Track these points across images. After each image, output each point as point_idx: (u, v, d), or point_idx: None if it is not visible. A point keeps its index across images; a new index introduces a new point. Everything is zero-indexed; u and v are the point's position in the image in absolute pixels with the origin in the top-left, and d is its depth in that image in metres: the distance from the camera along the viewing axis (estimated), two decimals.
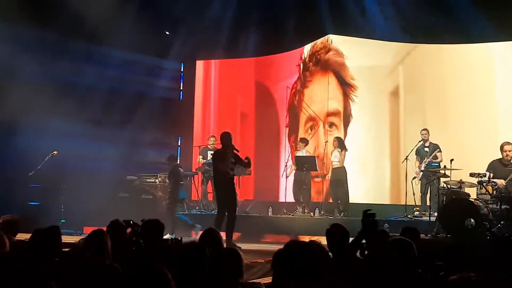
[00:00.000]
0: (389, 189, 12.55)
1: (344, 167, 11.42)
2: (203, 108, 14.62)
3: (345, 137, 12.63)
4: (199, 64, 14.76)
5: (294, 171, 12.07)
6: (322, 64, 13.23)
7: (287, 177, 12.33)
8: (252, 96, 14.27)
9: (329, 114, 13.10)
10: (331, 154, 11.60)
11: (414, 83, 12.65)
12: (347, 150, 11.56)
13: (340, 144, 11.54)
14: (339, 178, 11.43)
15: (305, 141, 12.11)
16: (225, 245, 5.09)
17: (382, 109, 12.84)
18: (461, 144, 11.58)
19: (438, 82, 12.34)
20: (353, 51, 13.02)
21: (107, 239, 4.22)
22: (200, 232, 4.41)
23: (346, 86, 13.03)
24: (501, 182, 8.79)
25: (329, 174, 11.67)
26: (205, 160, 12.00)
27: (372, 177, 12.75)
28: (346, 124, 13.01)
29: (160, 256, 4.06)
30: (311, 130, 13.30)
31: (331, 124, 13.08)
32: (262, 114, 14.05)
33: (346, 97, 13.03)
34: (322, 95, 13.17)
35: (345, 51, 13.05)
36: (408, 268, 3.60)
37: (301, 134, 13.22)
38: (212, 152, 11.15)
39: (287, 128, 13.71)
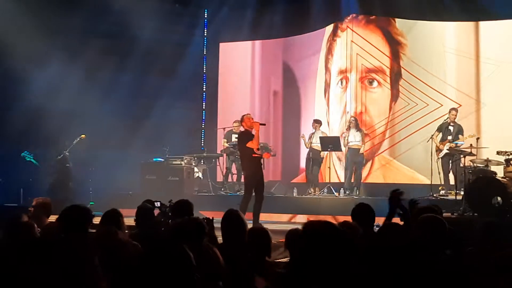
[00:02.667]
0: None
1: (362, 147, 11.45)
2: (228, 90, 14.65)
3: (392, 95, 12.70)
4: (223, 46, 14.78)
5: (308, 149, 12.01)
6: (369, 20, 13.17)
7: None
8: (280, 76, 14.26)
9: (370, 71, 12.99)
10: (348, 134, 11.58)
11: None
12: (364, 132, 11.60)
13: (357, 124, 11.56)
14: (357, 158, 11.47)
15: (319, 122, 12.08)
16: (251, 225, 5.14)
17: None
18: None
19: None
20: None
21: (122, 218, 4.33)
22: None
23: (394, 43, 12.88)
24: None
25: (346, 154, 11.66)
26: (229, 143, 12.06)
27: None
28: (394, 81, 12.83)
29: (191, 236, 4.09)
30: (341, 84, 13.27)
31: (372, 81, 12.98)
32: (289, 93, 14.08)
33: (394, 55, 12.87)
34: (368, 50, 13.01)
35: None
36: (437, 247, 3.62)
37: (332, 89, 13.27)
38: (236, 135, 11.19)
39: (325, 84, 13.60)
